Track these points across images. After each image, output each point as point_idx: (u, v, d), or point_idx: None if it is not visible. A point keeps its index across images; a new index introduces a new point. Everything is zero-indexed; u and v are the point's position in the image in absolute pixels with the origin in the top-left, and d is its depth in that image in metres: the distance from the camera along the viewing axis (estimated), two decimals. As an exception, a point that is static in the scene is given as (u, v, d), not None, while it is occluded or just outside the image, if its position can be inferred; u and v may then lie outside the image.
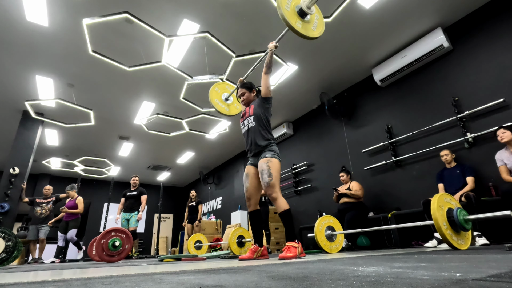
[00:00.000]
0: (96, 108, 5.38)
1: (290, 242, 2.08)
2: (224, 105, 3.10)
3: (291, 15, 1.96)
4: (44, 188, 5.44)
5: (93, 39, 3.55)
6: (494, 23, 3.38)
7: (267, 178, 2.16)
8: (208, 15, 3.53)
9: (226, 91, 3.17)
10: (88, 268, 2.02)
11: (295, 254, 1.99)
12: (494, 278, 0.58)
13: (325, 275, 0.80)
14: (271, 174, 2.16)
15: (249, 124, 2.41)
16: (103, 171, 8.97)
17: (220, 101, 3.08)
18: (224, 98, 3.10)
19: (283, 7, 1.91)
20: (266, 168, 2.18)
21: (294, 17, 1.99)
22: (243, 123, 2.50)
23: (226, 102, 3.12)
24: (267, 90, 2.42)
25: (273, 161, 2.21)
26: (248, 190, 2.36)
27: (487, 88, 3.33)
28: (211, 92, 3.04)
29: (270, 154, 2.24)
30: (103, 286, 0.76)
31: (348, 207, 3.96)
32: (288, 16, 1.92)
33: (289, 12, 1.95)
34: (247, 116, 2.46)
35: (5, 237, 3.36)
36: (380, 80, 4.38)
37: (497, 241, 2.88)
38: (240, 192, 7.86)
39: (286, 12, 1.92)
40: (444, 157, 3.32)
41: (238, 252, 4.56)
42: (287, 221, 2.15)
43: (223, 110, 3.07)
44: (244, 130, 2.49)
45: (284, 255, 1.98)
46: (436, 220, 1.85)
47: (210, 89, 3.06)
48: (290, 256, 1.96)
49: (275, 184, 2.15)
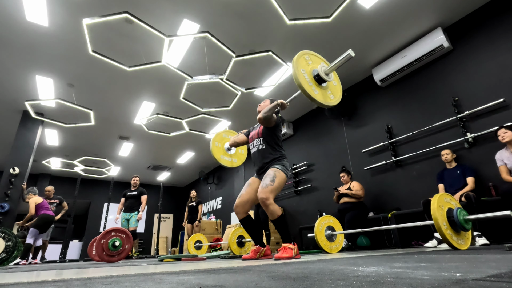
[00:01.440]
0: (96, 108, 5.38)
1: (286, 244, 2.07)
2: (229, 157, 3.05)
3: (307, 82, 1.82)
4: (45, 190, 5.44)
5: (93, 39, 3.55)
6: (494, 23, 3.38)
7: (269, 181, 2.11)
8: (208, 15, 3.53)
9: (226, 140, 3.09)
10: (88, 268, 2.02)
11: (291, 255, 1.99)
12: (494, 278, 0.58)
13: (325, 275, 0.80)
14: (274, 180, 2.12)
15: (258, 146, 2.39)
16: (103, 171, 8.97)
17: (225, 155, 3.03)
18: (226, 148, 3.05)
19: (299, 72, 1.79)
20: (272, 174, 2.16)
21: (311, 83, 1.85)
22: (252, 144, 2.47)
23: (229, 152, 3.06)
24: (269, 123, 2.32)
25: (281, 173, 2.19)
26: (242, 196, 2.31)
27: (487, 88, 3.33)
28: (213, 150, 2.95)
29: (280, 167, 2.23)
30: (103, 286, 0.76)
31: (348, 207, 3.96)
32: (304, 84, 1.78)
33: (305, 79, 1.83)
34: (256, 138, 2.44)
35: (5, 237, 3.37)
36: (380, 80, 4.38)
37: (497, 241, 2.88)
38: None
39: (302, 79, 1.79)
40: (445, 156, 3.32)
41: (238, 252, 4.56)
42: (282, 226, 2.12)
43: (230, 163, 3.04)
44: (252, 150, 2.47)
45: (280, 255, 1.98)
46: (436, 220, 1.85)
47: (211, 147, 2.95)
48: (286, 256, 1.96)
49: (273, 190, 2.09)
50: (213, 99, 5.37)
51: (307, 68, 1.90)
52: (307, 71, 1.88)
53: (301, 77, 1.79)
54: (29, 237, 4.42)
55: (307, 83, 1.81)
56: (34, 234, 4.46)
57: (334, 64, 1.89)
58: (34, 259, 4.83)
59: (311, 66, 1.93)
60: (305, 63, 1.91)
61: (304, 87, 1.77)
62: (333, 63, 1.90)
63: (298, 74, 1.79)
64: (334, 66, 1.89)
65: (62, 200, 5.52)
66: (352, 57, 1.79)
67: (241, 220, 2.33)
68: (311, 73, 1.89)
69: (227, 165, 3.03)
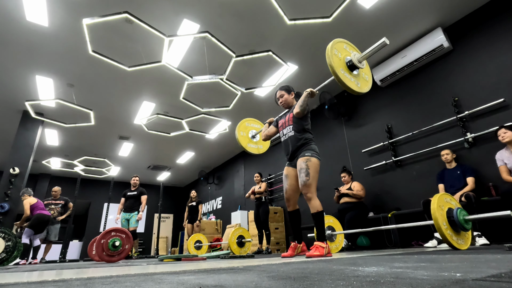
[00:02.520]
0: (96, 108, 5.38)
1: (318, 242, 2.12)
2: (256, 145, 3.11)
3: (340, 65, 1.86)
4: (52, 190, 5.54)
5: (93, 39, 3.55)
6: (494, 23, 3.38)
7: (304, 177, 2.17)
8: (208, 15, 3.53)
9: (250, 129, 3.17)
10: (88, 268, 2.02)
11: (322, 253, 2.03)
12: (494, 278, 0.58)
13: (325, 275, 0.80)
14: (308, 173, 2.17)
15: (288, 133, 2.43)
16: (103, 171, 8.97)
17: (251, 143, 3.10)
18: (251, 136, 3.11)
19: (333, 54, 1.82)
20: (305, 167, 2.20)
21: (344, 68, 1.88)
22: (282, 132, 2.52)
23: (255, 140, 3.12)
24: (303, 113, 2.36)
25: (312, 160, 2.22)
26: (287, 192, 2.40)
27: (487, 88, 3.33)
28: (240, 140, 3.02)
29: (310, 153, 2.25)
30: (103, 286, 0.76)
31: (348, 207, 3.96)
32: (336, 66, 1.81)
33: (340, 61, 1.86)
34: (286, 126, 2.47)
35: (5, 237, 3.37)
36: (380, 80, 4.38)
37: (497, 241, 2.88)
38: (240, 192, 7.86)
39: (335, 60, 1.81)
40: (445, 156, 3.32)
41: (238, 252, 4.56)
42: (319, 222, 2.18)
43: (257, 150, 3.10)
44: (283, 139, 2.51)
45: (311, 253, 2.03)
46: (436, 220, 1.85)
47: (237, 137, 3.02)
48: (317, 254, 2.00)
49: (312, 184, 2.16)
50: (213, 99, 5.38)
51: (342, 53, 1.93)
52: (342, 55, 1.92)
53: (335, 64, 1.81)
54: (24, 237, 4.44)
55: (340, 71, 1.84)
56: (29, 234, 4.46)
57: (367, 52, 1.90)
58: (34, 259, 4.83)
59: (344, 53, 1.95)
60: (342, 48, 1.94)
61: (338, 74, 1.80)
62: (366, 51, 1.91)
63: (333, 60, 1.80)
64: (367, 54, 1.90)
65: (68, 201, 5.59)
66: (387, 44, 1.81)
67: (291, 212, 2.41)
68: (344, 59, 1.92)
69: (254, 152, 3.08)
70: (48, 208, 5.26)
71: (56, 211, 5.36)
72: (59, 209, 5.41)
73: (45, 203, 5.36)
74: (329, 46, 1.85)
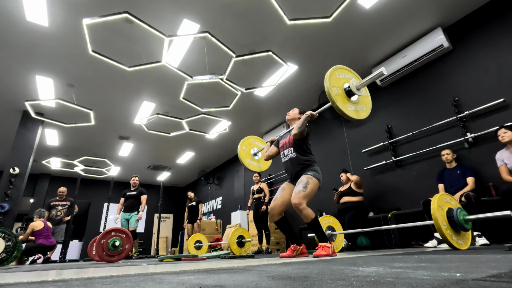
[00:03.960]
0: (96, 108, 5.38)
1: (322, 243, 2.15)
2: (255, 162, 3.13)
3: (342, 100, 1.93)
4: (58, 191, 5.58)
5: (93, 39, 3.55)
6: (494, 23, 3.38)
7: (301, 188, 2.20)
8: (208, 15, 3.53)
9: (253, 146, 3.19)
10: (88, 268, 2.02)
11: (329, 253, 2.07)
12: (494, 278, 0.58)
13: (325, 275, 0.80)
14: (306, 187, 2.20)
15: (290, 155, 2.45)
16: (103, 171, 8.96)
17: (251, 159, 3.12)
18: (253, 154, 3.14)
19: (333, 91, 1.89)
20: (305, 181, 2.23)
21: (345, 100, 1.95)
22: (283, 153, 2.54)
23: (256, 157, 3.15)
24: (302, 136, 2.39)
25: (314, 180, 2.26)
26: (276, 200, 2.40)
27: (487, 88, 3.33)
28: (240, 153, 3.05)
29: (312, 174, 2.30)
30: (103, 286, 0.76)
31: (348, 207, 3.96)
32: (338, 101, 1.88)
33: (339, 96, 1.92)
34: (287, 147, 2.49)
35: (5, 237, 3.37)
36: (380, 80, 4.38)
37: (497, 241, 2.88)
38: (240, 192, 7.86)
39: (336, 96, 1.89)
40: (446, 156, 3.32)
41: (238, 252, 4.56)
42: (316, 228, 2.21)
43: (256, 168, 3.11)
44: (284, 159, 2.53)
45: (318, 253, 2.07)
46: (436, 220, 1.85)
47: (239, 150, 3.06)
48: (324, 254, 2.05)
49: (306, 196, 2.18)
50: (213, 99, 5.38)
51: (339, 84, 1.98)
52: (339, 87, 1.97)
53: (333, 93, 1.88)
54: None
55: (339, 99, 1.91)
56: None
57: (365, 80, 1.97)
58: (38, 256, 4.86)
59: (343, 81, 2.01)
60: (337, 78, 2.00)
61: (338, 104, 1.87)
62: (365, 79, 1.99)
63: (331, 91, 1.88)
64: (365, 82, 1.97)
65: (73, 202, 5.62)
66: (384, 75, 1.88)
67: (276, 222, 2.43)
68: (343, 88, 1.98)
69: (253, 169, 3.10)
70: (55, 210, 5.33)
71: (63, 212, 5.39)
72: (65, 210, 5.44)
73: (52, 204, 5.42)
74: (326, 79, 1.91)
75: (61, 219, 5.36)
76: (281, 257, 2.25)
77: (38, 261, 4.65)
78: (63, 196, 5.56)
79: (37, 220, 4.65)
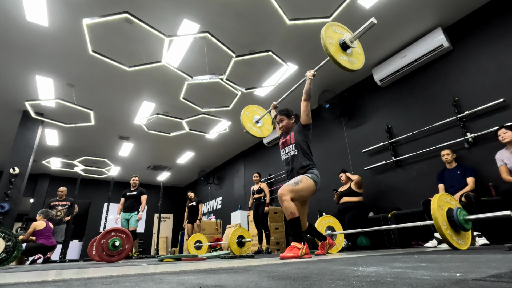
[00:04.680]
0: (96, 108, 5.38)
1: (295, 243, 2.10)
2: (256, 128, 3.18)
3: (335, 49, 2.06)
4: (58, 190, 5.59)
5: (93, 39, 3.55)
6: (494, 23, 3.38)
7: (292, 182, 2.18)
8: (208, 15, 3.53)
9: (255, 114, 3.25)
10: (88, 268, 2.02)
11: (297, 255, 2.00)
12: (494, 278, 0.58)
13: (325, 275, 0.80)
14: (298, 183, 2.17)
15: (291, 152, 2.43)
16: (103, 171, 8.97)
17: (252, 124, 3.16)
18: (255, 121, 3.19)
19: (327, 41, 2.01)
20: (299, 178, 2.22)
21: (338, 50, 2.07)
22: (284, 151, 2.52)
23: (257, 124, 3.20)
24: (307, 118, 2.44)
25: (309, 180, 2.23)
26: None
27: (487, 88, 3.33)
28: (242, 117, 3.11)
29: (310, 175, 2.28)
30: (103, 286, 0.76)
31: (348, 207, 3.96)
32: (332, 50, 2.01)
33: (333, 46, 2.05)
34: (288, 144, 2.47)
35: (5, 237, 3.36)
36: (380, 80, 4.38)
37: (497, 241, 2.88)
38: (240, 192, 7.86)
39: (330, 46, 2.02)
40: (445, 156, 3.32)
41: (238, 252, 4.56)
42: (292, 225, 2.16)
43: (256, 133, 3.15)
44: (284, 157, 2.51)
45: (284, 254, 2.00)
46: (436, 220, 1.85)
47: (241, 114, 3.14)
48: (290, 256, 1.97)
49: (293, 191, 2.14)
50: (213, 99, 5.37)
51: (335, 37, 2.12)
52: (335, 39, 2.11)
53: (328, 44, 2.02)
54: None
55: (334, 50, 2.04)
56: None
57: (358, 32, 2.09)
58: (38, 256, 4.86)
59: (337, 35, 2.14)
60: (333, 32, 2.14)
61: (332, 53, 2.00)
62: (357, 31, 2.10)
63: (326, 42, 2.00)
64: (358, 34, 2.09)
65: (73, 202, 5.62)
66: (375, 24, 1.99)
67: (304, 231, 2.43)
68: (338, 41, 2.12)
69: (252, 134, 3.13)
70: (55, 210, 5.33)
71: (63, 212, 5.40)
72: (65, 210, 5.45)
73: (52, 204, 5.43)
74: (322, 32, 2.04)
75: (61, 219, 5.36)
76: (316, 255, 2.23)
77: (38, 261, 4.66)
78: (63, 196, 5.57)
79: (40, 220, 4.65)
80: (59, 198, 5.53)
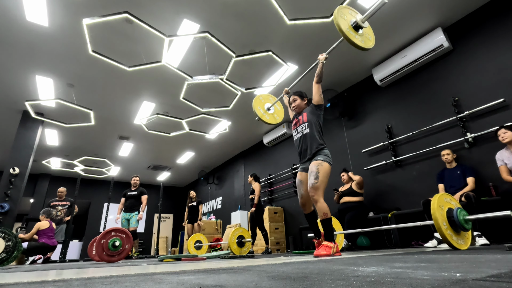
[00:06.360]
0: (96, 108, 5.38)
1: (326, 242, 2.15)
2: (264, 112, 3.22)
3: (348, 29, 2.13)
4: (58, 191, 5.61)
5: (93, 39, 3.55)
6: (494, 23, 3.38)
7: (313, 180, 2.22)
8: (208, 15, 3.53)
9: (269, 102, 3.30)
10: (88, 268, 2.02)
11: (329, 253, 2.06)
12: (494, 278, 0.58)
13: (325, 275, 0.80)
14: (318, 177, 2.22)
15: (304, 131, 2.48)
16: (103, 171, 8.97)
17: (262, 108, 3.21)
18: (266, 107, 3.24)
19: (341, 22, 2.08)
20: (315, 171, 2.25)
21: (351, 30, 2.15)
22: (296, 130, 2.57)
23: (268, 111, 3.26)
24: (319, 98, 2.51)
25: (324, 165, 2.27)
26: (303, 197, 2.44)
27: (487, 88, 3.33)
28: (255, 100, 3.17)
29: (322, 158, 2.31)
30: (103, 286, 0.76)
31: (348, 207, 3.96)
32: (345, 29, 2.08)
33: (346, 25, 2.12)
34: (301, 123, 2.53)
35: (5, 237, 3.37)
36: (380, 80, 4.38)
37: (497, 241, 2.88)
38: (240, 192, 7.86)
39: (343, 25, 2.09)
40: (446, 156, 3.32)
41: (238, 252, 4.56)
42: (326, 225, 2.21)
43: (262, 116, 3.18)
44: (297, 136, 2.55)
45: (318, 252, 2.07)
46: (436, 220, 1.85)
47: (255, 97, 3.20)
48: (323, 254, 2.04)
49: (319, 187, 2.20)
50: (213, 99, 5.37)
51: (347, 18, 2.20)
52: (347, 20, 2.19)
53: (342, 24, 2.08)
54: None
55: (347, 30, 2.11)
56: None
57: (369, 12, 2.16)
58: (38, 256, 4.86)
59: (349, 17, 2.22)
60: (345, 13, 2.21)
61: (346, 34, 2.08)
62: (368, 11, 2.17)
63: (340, 21, 2.08)
64: (369, 14, 2.16)
65: (73, 203, 5.62)
66: (386, 2, 2.05)
67: (307, 214, 2.48)
68: (349, 21, 2.19)
69: (258, 115, 3.17)
70: (55, 210, 5.33)
71: (63, 212, 5.41)
72: (65, 210, 5.46)
73: (52, 205, 5.45)
74: (335, 13, 2.10)
75: (61, 219, 5.37)
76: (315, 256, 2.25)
77: (38, 261, 4.66)
78: (62, 196, 5.58)
79: (43, 220, 4.67)
80: (59, 198, 5.55)
